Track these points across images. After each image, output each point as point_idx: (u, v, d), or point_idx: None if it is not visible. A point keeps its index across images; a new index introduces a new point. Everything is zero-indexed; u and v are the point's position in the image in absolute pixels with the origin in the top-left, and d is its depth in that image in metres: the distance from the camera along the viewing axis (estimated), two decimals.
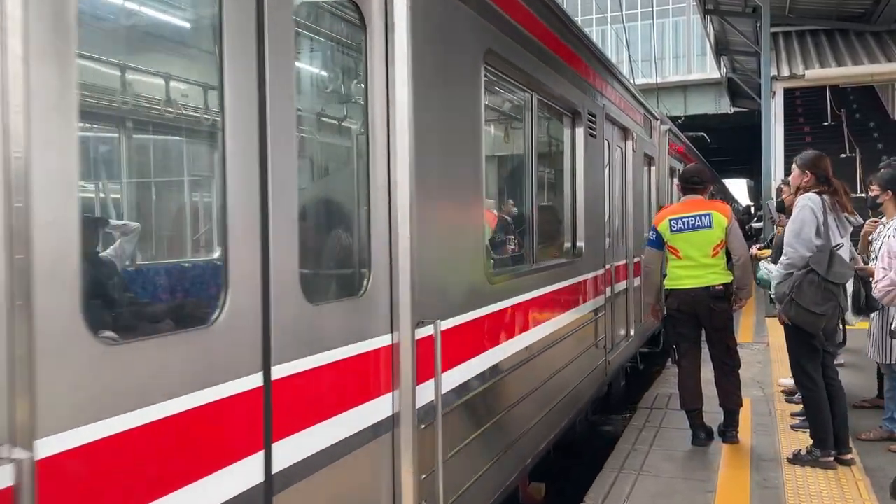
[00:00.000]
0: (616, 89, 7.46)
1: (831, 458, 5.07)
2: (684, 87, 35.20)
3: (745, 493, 4.75)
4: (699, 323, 5.84)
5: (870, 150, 17.49)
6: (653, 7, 40.38)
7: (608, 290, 6.81)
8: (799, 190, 5.17)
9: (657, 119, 10.54)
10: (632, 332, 8.05)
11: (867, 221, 6.05)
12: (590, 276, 6.15)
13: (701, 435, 5.80)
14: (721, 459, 5.44)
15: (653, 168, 10.20)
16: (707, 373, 5.98)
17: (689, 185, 6.00)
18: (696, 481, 4.96)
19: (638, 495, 4.83)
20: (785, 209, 6.87)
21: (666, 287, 5.95)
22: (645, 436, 6.12)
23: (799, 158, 5.26)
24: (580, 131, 5.96)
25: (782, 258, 4.99)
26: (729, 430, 5.80)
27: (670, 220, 5.83)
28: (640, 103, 9.06)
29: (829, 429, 5.06)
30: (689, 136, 16.48)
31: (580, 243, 5.92)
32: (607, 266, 6.81)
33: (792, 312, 4.83)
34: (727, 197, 32.97)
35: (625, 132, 8.05)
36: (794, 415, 6.36)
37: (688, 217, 5.77)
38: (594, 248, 6.30)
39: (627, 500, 4.76)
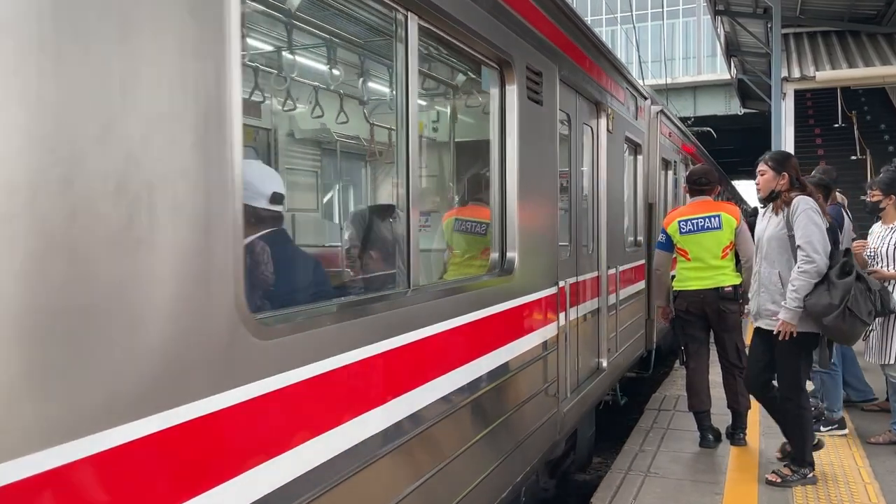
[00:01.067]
0: (580, 46, 5.53)
1: (814, 471, 4.95)
2: (694, 88, 35.11)
3: (753, 495, 4.75)
4: (708, 324, 5.84)
5: (880, 153, 17.42)
6: (663, 8, 40.30)
7: (563, 316, 5.00)
8: (777, 193, 4.79)
9: (646, 98, 8.68)
10: (604, 365, 6.17)
11: (854, 243, 5.89)
12: (529, 299, 4.36)
13: (709, 437, 5.79)
14: (729, 462, 5.43)
15: (640, 157, 8.36)
16: (715, 374, 5.97)
17: (697, 186, 6.01)
18: (704, 483, 4.96)
19: (645, 497, 4.83)
20: None
21: (675, 288, 5.96)
22: (652, 437, 6.12)
23: (770, 160, 4.87)
24: (513, 92, 4.06)
25: (805, 266, 4.55)
26: (737, 433, 5.80)
27: (679, 222, 5.85)
28: (621, 73, 7.14)
29: (811, 445, 4.99)
30: (695, 133, 16.33)
31: (512, 254, 4.10)
32: (561, 284, 4.95)
33: (846, 325, 4.51)
34: (736, 198, 32.87)
35: (596, 107, 6.15)
36: None
37: (697, 219, 5.78)
38: (538, 259, 4.54)
39: (634, 502, 4.76)
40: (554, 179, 4.89)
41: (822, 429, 5.89)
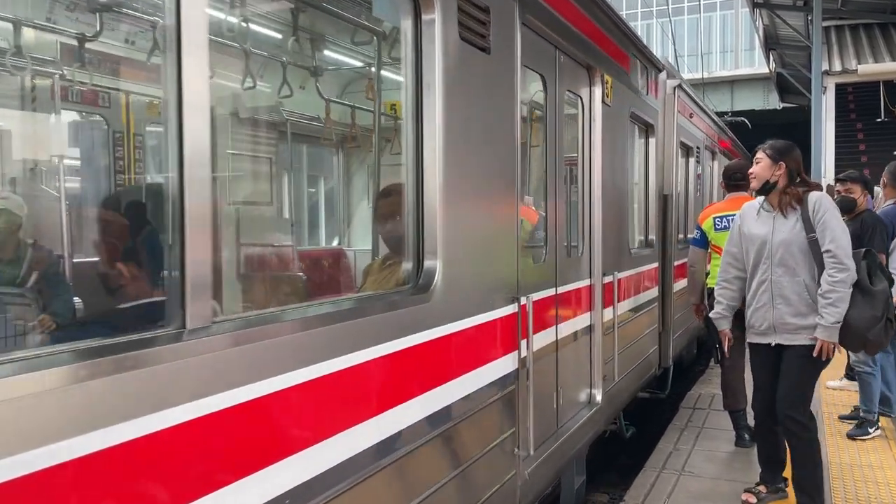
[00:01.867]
0: None
1: None
2: (731, 83, 34.56)
3: (790, 496, 4.67)
4: (743, 322, 5.75)
5: None
6: (700, 1, 39.75)
7: (525, 344, 3.71)
8: (771, 185, 4.28)
9: (660, 70, 7.25)
10: (597, 398, 5.03)
11: None
12: (462, 326, 3.14)
13: (745, 436, 5.72)
14: None
15: (652, 140, 7.02)
16: (751, 373, 5.88)
17: (733, 182, 5.97)
18: (739, 483, 4.89)
19: (679, 496, 4.79)
20: (856, 209, 5.81)
21: (709, 285, 5.88)
22: (687, 436, 6.07)
23: (769, 148, 4.31)
24: (433, 25, 2.89)
25: (840, 274, 4.00)
26: None
27: (715, 219, 5.80)
28: (625, 35, 5.81)
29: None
30: (728, 124, 15.94)
31: (432, 262, 2.94)
32: (523, 301, 3.67)
33: (886, 338, 4.04)
34: None
35: (588, 71, 4.95)
36: (843, 418, 6.22)
37: (732, 215, 5.68)
38: (480, 269, 3.36)
39: (668, 500, 4.72)
40: (510, 157, 3.64)
41: (869, 431, 5.77)
